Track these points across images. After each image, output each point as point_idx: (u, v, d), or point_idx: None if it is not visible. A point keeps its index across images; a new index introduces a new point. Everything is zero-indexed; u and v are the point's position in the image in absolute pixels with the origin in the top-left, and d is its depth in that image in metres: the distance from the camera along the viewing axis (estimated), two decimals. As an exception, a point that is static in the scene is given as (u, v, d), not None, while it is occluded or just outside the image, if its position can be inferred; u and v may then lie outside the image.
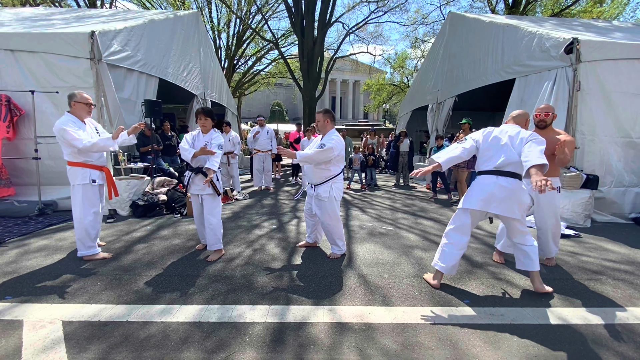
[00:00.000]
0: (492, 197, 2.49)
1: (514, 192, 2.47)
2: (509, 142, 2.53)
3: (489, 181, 2.54)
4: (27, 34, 4.85)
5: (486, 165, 2.59)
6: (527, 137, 2.49)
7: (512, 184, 2.48)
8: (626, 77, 4.90)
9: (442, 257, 2.66)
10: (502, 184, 2.49)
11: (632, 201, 4.97)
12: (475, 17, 7.74)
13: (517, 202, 2.48)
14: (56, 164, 4.91)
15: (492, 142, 2.61)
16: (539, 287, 2.60)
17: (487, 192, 2.52)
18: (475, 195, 2.59)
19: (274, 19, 19.32)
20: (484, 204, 2.52)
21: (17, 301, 2.39)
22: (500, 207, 2.49)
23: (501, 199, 2.47)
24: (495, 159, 2.55)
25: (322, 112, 3.23)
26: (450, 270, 2.64)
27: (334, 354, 1.84)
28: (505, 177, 2.49)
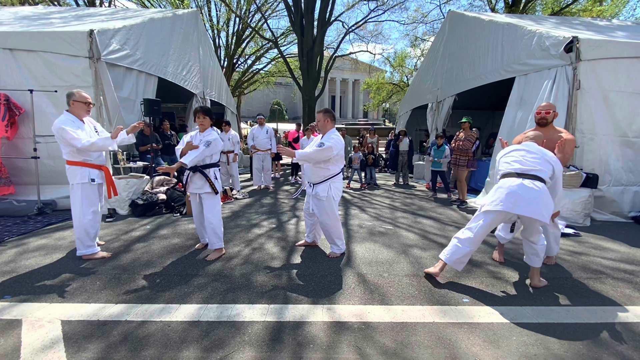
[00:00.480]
0: (518, 199, 2.46)
1: (540, 194, 2.46)
2: (533, 152, 2.63)
3: (512, 183, 2.54)
4: (26, 33, 4.84)
5: (509, 168, 2.65)
6: (554, 159, 2.63)
7: (538, 186, 2.48)
8: (625, 75, 4.89)
9: (449, 249, 2.75)
10: (527, 185, 2.49)
11: (631, 200, 4.97)
12: (475, 16, 7.72)
13: (544, 204, 2.45)
14: (55, 163, 4.91)
15: (514, 151, 2.72)
16: (536, 283, 2.68)
17: (512, 192, 2.50)
18: (500, 196, 2.55)
19: (274, 17, 19.29)
20: (512, 205, 2.48)
21: (16, 300, 2.39)
22: (527, 209, 2.45)
23: (528, 200, 2.44)
24: (517, 164, 2.62)
25: (322, 111, 3.23)
26: (454, 263, 2.69)
27: (332, 353, 1.84)
28: (530, 179, 2.51)
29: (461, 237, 2.71)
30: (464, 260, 2.72)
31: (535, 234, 2.65)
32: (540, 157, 2.59)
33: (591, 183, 4.67)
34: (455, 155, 5.93)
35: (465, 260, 2.71)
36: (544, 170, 2.53)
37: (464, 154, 5.83)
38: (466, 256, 2.69)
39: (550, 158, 2.61)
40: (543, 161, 2.57)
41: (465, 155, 5.82)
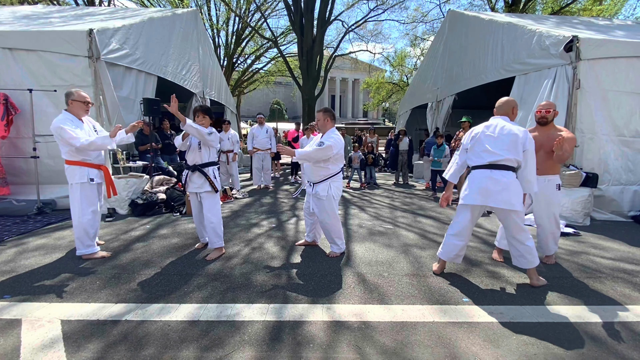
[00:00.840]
0: (487, 191, 2.53)
1: (508, 185, 2.49)
2: (499, 138, 2.56)
3: (482, 175, 2.58)
4: (25, 32, 4.83)
5: (478, 161, 2.62)
6: (522, 137, 2.52)
7: (506, 177, 2.51)
8: (624, 75, 4.90)
9: (443, 245, 2.87)
10: (495, 177, 2.52)
11: (631, 199, 4.97)
12: (474, 15, 7.72)
13: (514, 194, 2.50)
14: (55, 162, 4.91)
15: (481, 139, 2.64)
16: (535, 282, 2.69)
17: (482, 186, 2.55)
18: (472, 190, 2.62)
19: (273, 17, 19.29)
20: (482, 197, 2.56)
21: (15, 300, 2.39)
22: (498, 200, 2.51)
23: (497, 192, 2.50)
24: (486, 155, 2.58)
25: (322, 110, 3.22)
26: (452, 258, 2.80)
27: (332, 352, 1.84)
28: (499, 170, 2.53)
29: (450, 233, 2.82)
30: (461, 254, 2.82)
31: (519, 232, 2.61)
32: (509, 142, 2.53)
33: (591, 182, 4.67)
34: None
35: (462, 253, 2.82)
36: (511, 160, 2.52)
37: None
38: (461, 250, 2.80)
39: (520, 139, 2.52)
40: (511, 146, 2.52)
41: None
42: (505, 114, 2.71)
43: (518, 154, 2.52)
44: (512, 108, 2.72)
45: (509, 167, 2.53)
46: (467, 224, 2.73)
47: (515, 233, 2.63)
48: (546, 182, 3.05)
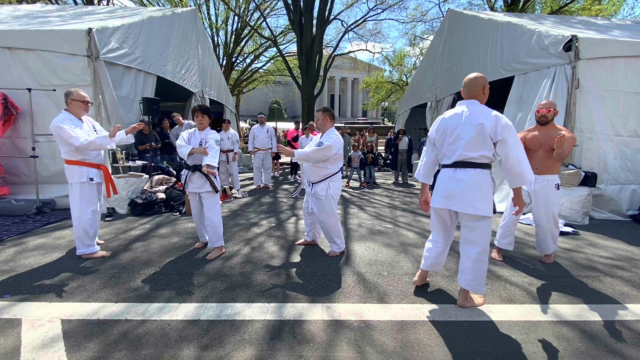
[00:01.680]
0: (450, 193, 2.22)
1: (472, 185, 2.14)
2: (463, 130, 2.16)
3: (446, 175, 2.28)
4: (24, 32, 4.82)
5: (444, 159, 2.30)
6: (490, 125, 2.07)
7: (470, 175, 2.16)
8: (623, 74, 4.92)
9: (424, 254, 2.61)
10: (458, 177, 2.19)
11: (629, 198, 4.99)
12: (474, 15, 7.72)
13: (480, 196, 2.13)
14: (54, 162, 4.91)
15: (446, 133, 2.26)
16: (461, 302, 2.32)
17: (445, 187, 2.26)
18: (436, 191, 2.36)
19: (272, 16, 19.26)
20: (445, 200, 2.26)
21: (15, 299, 2.39)
22: (460, 204, 2.18)
23: (459, 194, 2.18)
24: (450, 152, 2.24)
25: (321, 110, 3.23)
26: (429, 265, 2.52)
27: (332, 351, 1.84)
28: (463, 168, 2.18)
29: (430, 238, 2.59)
30: (439, 261, 2.52)
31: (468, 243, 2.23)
32: (474, 134, 2.11)
33: (590, 182, 4.69)
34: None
35: (440, 260, 2.51)
36: (476, 157, 2.13)
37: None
38: (438, 256, 2.50)
39: (486, 128, 2.08)
40: (477, 139, 2.10)
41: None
42: (473, 96, 2.24)
43: (487, 147, 2.11)
44: (481, 87, 2.22)
45: (477, 164, 2.15)
46: (438, 228, 2.46)
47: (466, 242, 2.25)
48: (545, 181, 3.04)
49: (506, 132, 2.06)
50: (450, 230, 2.46)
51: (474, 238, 2.20)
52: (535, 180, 3.06)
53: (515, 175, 2.13)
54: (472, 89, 2.24)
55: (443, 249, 2.49)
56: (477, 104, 2.21)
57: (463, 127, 2.15)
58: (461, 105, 2.26)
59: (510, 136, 2.07)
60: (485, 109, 2.15)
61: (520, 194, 2.22)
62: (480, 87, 2.23)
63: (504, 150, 2.09)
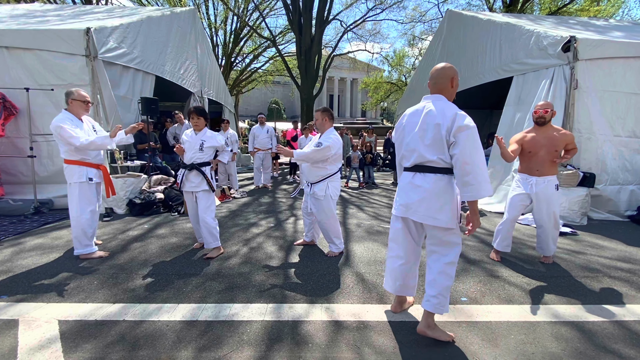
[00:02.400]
0: (409, 200, 1.96)
1: (430, 193, 1.88)
2: (421, 129, 1.90)
3: (405, 180, 2.02)
4: (22, 31, 4.80)
5: (405, 161, 2.03)
6: (446, 126, 1.80)
7: (428, 182, 1.89)
8: (621, 75, 4.92)
9: (386, 272, 2.21)
10: (416, 182, 1.93)
11: (628, 199, 5.00)
12: (473, 15, 7.72)
13: (438, 204, 1.87)
14: (52, 162, 4.89)
15: (405, 132, 2.02)
16: (421, 327, 1.96)
17: (404, 194, 2.00)
18: (396, 198, 2.09)
19: (272, 16, 19.26)
20: (404, 208, 1.99)
21: (12, 300, 2.37)
22: (419, 213, 1.92)
23: (417, 202, 1.91)
24: (408, 153, 1.98)
25: (320, 110, 3.22)
26: (398, 288, 2.12)
27: (331, 352, 1.84)
28: (422, 173, 1.92)
29: (388, 255, 2.19)
30: (410, 284, 2.13)
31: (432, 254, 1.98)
32: (432, 136, 1.84)
33: (588, 182, 4.69)
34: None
35: (411, 283, 2.13)
36: (434, 160, 1.86)
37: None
38: (406, 276, 2.10)
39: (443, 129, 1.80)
40: (434, 141, 1.84)
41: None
42: (439, 90, 1.94)
43: (442, 151, 1.84)
44: (449, 80, 1.93)
45: (437, 168, 1.88)
46: (400, 239, 2.09)
47: (433, 254, 1.98)
48: (545, 182, 3.02)
49: (461, 134, 1.75)
50: (417, 242, 2.10)
51: (438, 249, 1.96)
52: (536, 182, 3.05)
53: (462, 185, 1.79)
54: (439, 82, 1.94)
55: (410, 266, 2.10)
56: (443, 100, 1.91)
57: (421, 126, 1.89)
58: (426, 100, 1.98)
59: (464, 139, 1.75)
60: (448, 107, 1.85)
61: (474, 209, 1.83)
62: (449, 80, 1.93)
63: (454, 154, 1.78)
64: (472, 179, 1.75)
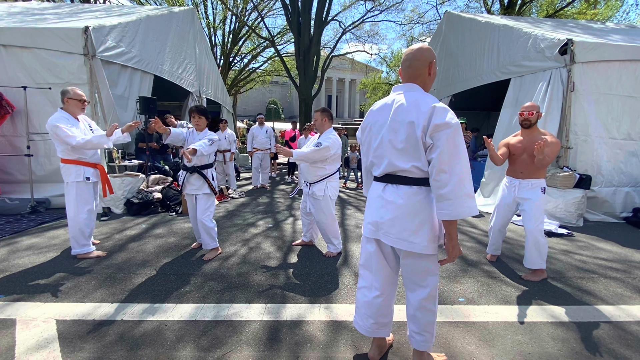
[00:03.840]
0: (379, 219, 1.58)
1: (403, 210, 1.50)
2: (392, 129, 1.50)
3: (374, 193, 1.64)
4: (20, 29, 4.78)
5: (375, 169, 1.64)
6: (421, 125, 1.40)
7: (402, 196, 1.51)
8: (617, 78, 4.97)
9: (356, 307, 1.80)
10: (387, 197, 1.55)
11: (623, 200, 5.04)
12: (471, 17, 7.77)
13: (413, 225, 1.49)
14: (49, 161, 4.86)
15: (372, 132, 1.62)
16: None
17: (373, 210, 1.62)
18: (366, 215, 1.71)
19: (270, 16, 19.25)
20: (374, 228, 1.62)
21: (9, 300, 2.36)
22: (390, 235, 1.54)
23: (389, 222, 1.53)
24: (379, 158, 1.59)
25: (320, 110, 3.23)
26: (369, 329, 1.71)
27: (330, 351, 1.84)
28: (394, 185, 1.54)
29: (359, 285, 1.78)
30: (385, 321, 1.71)
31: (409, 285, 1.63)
32: (405, 137, 1.45)
33: (584, 184, 4.73)
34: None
35: (385, 319, 1.71)
36: (407, 169, 1.47)
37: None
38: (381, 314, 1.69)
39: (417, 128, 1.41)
40: (408, 143, 1.45)
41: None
42: (414, 77, 1.54)
43: (418, 157, 1.45)
44: (427, 64, 1.52)
45: (412, 179, 1.50)
46: (373, 265, 1.68)
47: (418, 285, 1.60)
48: (530, 185, 2.87)
49: (439, 134, 1.37)
50: (394, 269, 1.69)
51: (416, 279, 1.60)
52: (520, 184, 2.92)
53: (437, 200, 1.41)
54: (414, 65, 1.53)
55: (386, 300, 1.69)
56: (418, 90, 1.52)
57: (391, 125, 1.50)
58: (396, 91, 1.57)
59: (443, 140, 1.36)
60: (424, 99, 1.45)
61: (452, 234, 1.45)
62: (426, 65, 1.52)
63: (431, 159, 1.41)
64: (449, 192, 1.36)
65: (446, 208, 1.38)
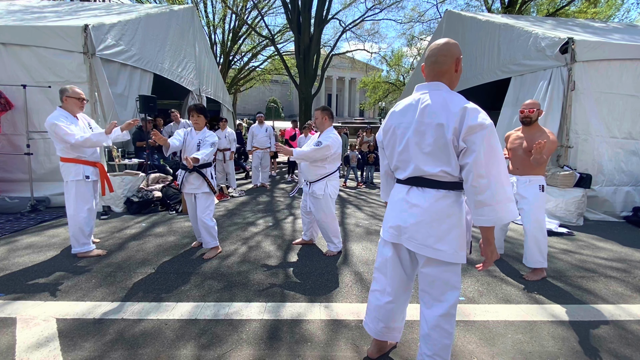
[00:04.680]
0: (402, 223, 1.50)
1: (429, 214, 1.43)
2: (418, 131, 1.42)
3: (397, 196, 1.56)
4: (19, 27, 4.76)
5: (399, 172, 1.57)
6: (453, 125, 1.33)
7: (427, 199, 1.44)
8: (617, 77, 4.97)
9: (367, 309, 1.77)
10: (412, 200, 1.48)
11: (623, 200, 5.05)
12: (471, 16, 7.75)
13: (439, 230, 1.41)
14: (49, 159, 4.86)
15: (396, 135, 1.53)
16: None
17: (396, 214, 1.55)
18: (386, 218, 1.64)
19: (270, 15, 19.22)
20: (396, 232, 1.54)
21: (9, 298, 2.36)
22: (415, 241, 1.46)
23: (412, 226, 1.46)
24: (404, 162, 1.51)
25: (320, 109, 3.22)
26: (380, 331, 1.69)
27: (330, 350, 1.84)
28: (420, 188, 1.47)
29: (372, 288, 1.73)
30: (395, 326, 1.70)
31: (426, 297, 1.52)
32: (432, 140, 1.38)
33: (584, 183, 4.73)
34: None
35: (396, 324, 1.70)
36: (436, 173, 1.40)
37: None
38: (393, 317, 1.66)
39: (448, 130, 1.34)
40: (436, 146, 1.38)
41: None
42: (440, 74, 1.46)
43: (448, 161, 1.38)
44: (454, 60, 1.45)
45: (440, 182, 1.42)
46: (387, 269, 1.63)
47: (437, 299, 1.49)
48: (527, 182, 2.84)
49: (474, 137, 1.30)
50: (410, 276, 1.64)
51: (434, 292, 1.49)
52: (518, 181, 2.89)
53: (476, 206, 1.34)
54: (440, 61, 1.44)
55: (399, 306, 1.66)
56: (444, 89, 1.43)
57: (417, 128, 1.42)
58: (420, 90, 1.49)
59: (478, 143, 1.29)
60: (453, 100, 1.37)
61: (490, 239, 1.40)
62: (453, 61, 1.44)
63: (465, 164, 1.33)
64: (489, 197, 1.30)
65: (486, 214, 1.31)
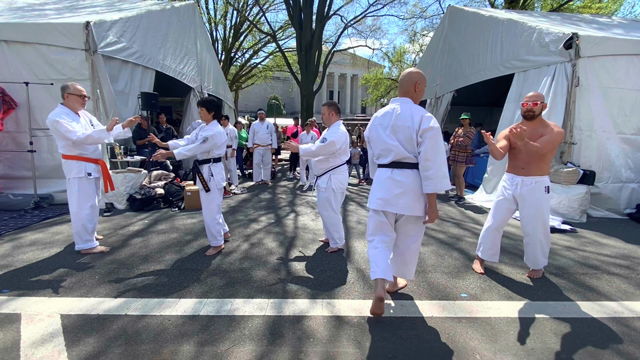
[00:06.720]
0: (389, 194, 2.16)
1: (410, 187, 2.12)
2: (394, 129, 2.12)
3: (383, 175, 2.21)
4: (21, 25, 4.76)
5: (381, 159, 2.23)
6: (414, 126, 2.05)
7: (407, 177, 2.13)
8: (623, 72, 4.91)
9: (374, 261, 2.23)
10: (396, 178, 2.15)
11: (628, 197, 5.01)
12: (474, 11, 7.68)
13: (416, 197, 2.13)
14: (52, 156, 4.87)
15: (379, 132, 2.21)
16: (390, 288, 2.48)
17: (384, 188, 2.19)
18: (374, 193, 2.27)
19: (272, 11, 19.16)
20: (382, 202, 2.19)
21: (14, 294, 2.38)
22: (398, 205, 2.15)
23: (396, 196, 2.14)
24: (385, 151, 2.18)
25: (327, 104, 3.22)
26: (384, 271, 2.15)
27: (332, 347, 1.85)
28: (401, 169, 2.15)
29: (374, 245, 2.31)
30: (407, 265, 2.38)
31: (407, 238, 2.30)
32: (406, 136, 2.08)
33: (588, 180, 4.70)
34: (454, 152, 5.95)
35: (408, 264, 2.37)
36: (411, 158, 2.10)
37: (462, 150, 5.85)
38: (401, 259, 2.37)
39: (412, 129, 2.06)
40: (407, 139, 2.08)
41: (464, 151, 5.84)
42: (405, 93, 2.18)
43: (412, 149, 2.10)
44: (414, 84, 2.15)
45: (412, 164, 2.12)
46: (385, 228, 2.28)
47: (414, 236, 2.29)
48: (533, 183, 2.63)
49: (427, 134, 2.02)
50: (394, 231, 2.33)
51: (412, 233, 2.28)
52: (522, 182, 2.68)
53: (424, 179, 2.07)
54: (404, 85, 2.17)
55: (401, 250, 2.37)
56: (409, 102, 2.15)
57: (393, 128, 2.12)
58: (395, 102, 2.20)
59: (429, 138, 2.01)
60: (416, 110, 2.08)
61: (432, 203, 2.11)
62: (413, 85, 2.15)
63: (420, 152, 2.06)
64: (432, 174, 2.02)
65: (430, 185, 2.05)
